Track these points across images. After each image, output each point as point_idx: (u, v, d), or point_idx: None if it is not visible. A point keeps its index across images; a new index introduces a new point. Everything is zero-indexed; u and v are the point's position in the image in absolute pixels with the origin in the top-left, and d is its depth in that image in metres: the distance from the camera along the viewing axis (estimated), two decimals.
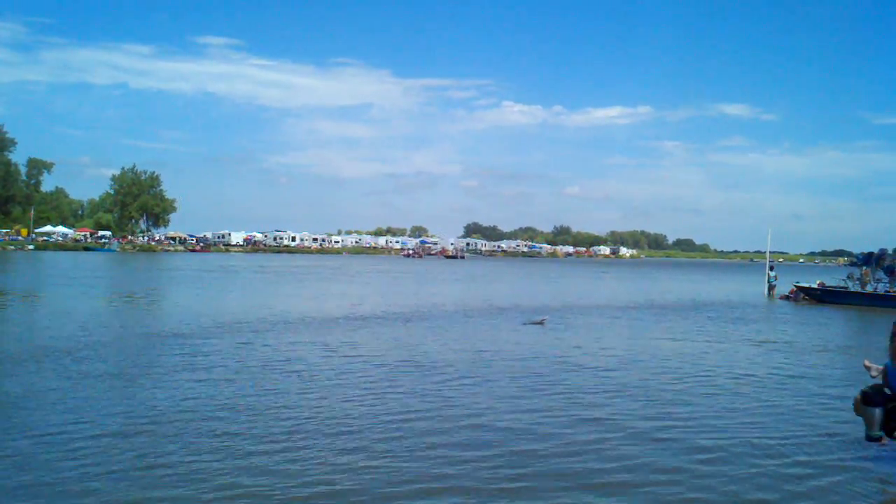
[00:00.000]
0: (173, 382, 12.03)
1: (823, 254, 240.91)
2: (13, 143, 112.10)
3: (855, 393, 8.67)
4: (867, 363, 8.86)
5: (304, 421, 9.67)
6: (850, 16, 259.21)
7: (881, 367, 8.57)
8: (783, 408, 11.41)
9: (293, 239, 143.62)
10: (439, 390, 11.98)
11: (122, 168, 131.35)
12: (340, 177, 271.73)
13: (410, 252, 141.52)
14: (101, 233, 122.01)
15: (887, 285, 34.81)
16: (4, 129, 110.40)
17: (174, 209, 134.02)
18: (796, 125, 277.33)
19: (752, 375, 14.40)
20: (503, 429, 9.50)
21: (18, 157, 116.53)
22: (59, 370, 12.75)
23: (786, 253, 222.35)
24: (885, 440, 8.36)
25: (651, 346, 18.52)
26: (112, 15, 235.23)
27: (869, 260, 36.01)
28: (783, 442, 9.21)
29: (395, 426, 9.46)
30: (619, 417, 10.41)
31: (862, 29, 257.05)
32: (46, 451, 8.07)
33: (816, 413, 11.09)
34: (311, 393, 11.52)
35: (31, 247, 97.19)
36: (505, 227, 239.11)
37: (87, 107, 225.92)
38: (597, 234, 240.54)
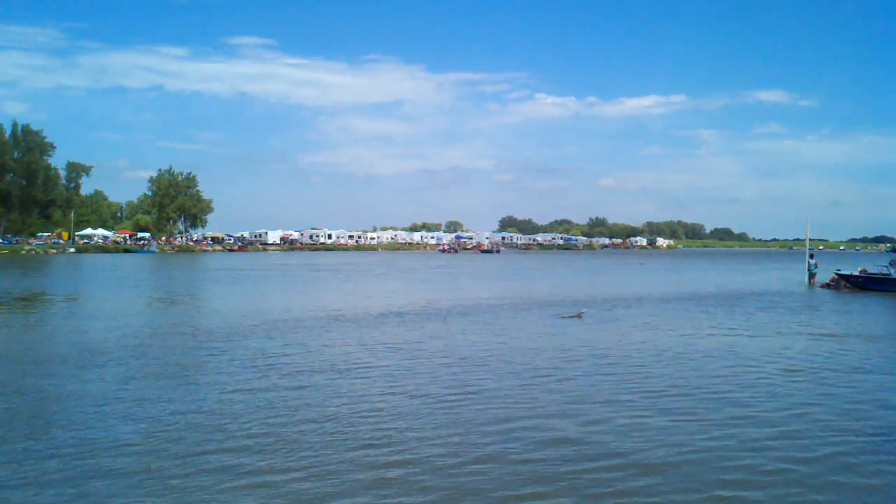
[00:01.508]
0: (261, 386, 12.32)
1: (864, 240, 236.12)
2: (52, 147, 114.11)
3: None
4: None
5: (391, 422, 9.86)
6: None
7: None
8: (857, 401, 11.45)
9: (329, 237, 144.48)
10: (506, 389, 12.21)
11: (159, 170, 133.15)
12: (374, 174, 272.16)
13: (446, 247, 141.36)
14: (140, 234, 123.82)
15: None
16: (44, 134, 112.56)
17: (211, 210, 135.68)
18: (834, 110, 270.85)
19: (804, 369, 14.36)
20: (597, 431, 9.54)
21: (58, 162, 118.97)
22: (116, 371, 13.18)
23: (826, 240, 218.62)
24: None
25: (701, 340, 18.36)
26: (146, 18, 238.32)
27: None
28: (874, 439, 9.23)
29: (486, 428, 9.51)
30: (700, 419, 10.42)
31: None
32: (93, 451, 8.33)
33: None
34: (391, 393, 11.79)
35: (72, 249, 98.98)
36: (540, 221, 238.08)
37: (124, 110, 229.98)
38: (633, 225, 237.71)
